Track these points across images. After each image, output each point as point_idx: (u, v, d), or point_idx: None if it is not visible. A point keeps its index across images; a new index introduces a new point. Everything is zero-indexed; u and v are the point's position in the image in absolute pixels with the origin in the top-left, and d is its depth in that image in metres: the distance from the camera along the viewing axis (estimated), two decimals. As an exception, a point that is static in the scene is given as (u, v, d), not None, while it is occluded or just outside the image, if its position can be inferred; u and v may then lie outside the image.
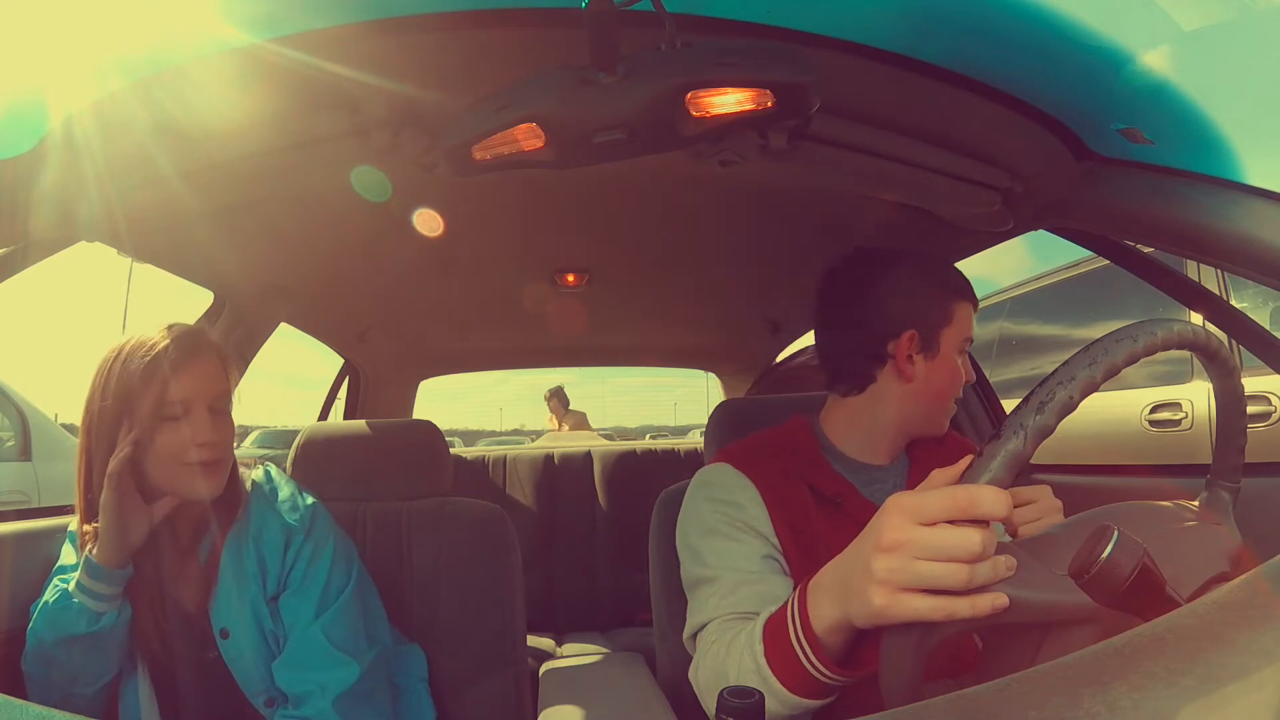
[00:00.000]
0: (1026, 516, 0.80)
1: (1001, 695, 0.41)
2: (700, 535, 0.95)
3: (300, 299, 1.87)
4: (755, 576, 0.88)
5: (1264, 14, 0.91)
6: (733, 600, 0.87)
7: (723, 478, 0.99)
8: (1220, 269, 2.22)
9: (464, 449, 3.11)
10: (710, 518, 0.95)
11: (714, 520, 0.94)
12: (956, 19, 0.83)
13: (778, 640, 0.71)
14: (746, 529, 0.93)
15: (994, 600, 0.54)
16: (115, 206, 1.03)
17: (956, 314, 1.00)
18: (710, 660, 0.82)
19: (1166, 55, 0.84)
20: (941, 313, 1.00)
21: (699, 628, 0.89)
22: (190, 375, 1.00)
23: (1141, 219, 0.97)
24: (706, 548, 0.93)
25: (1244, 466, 0.77)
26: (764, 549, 0.92)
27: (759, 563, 0.90)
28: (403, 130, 1.00)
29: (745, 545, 0.92)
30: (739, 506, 0.94)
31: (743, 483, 0.96)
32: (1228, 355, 0.70)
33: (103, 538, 0.96)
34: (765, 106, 0.76)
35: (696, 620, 0.90)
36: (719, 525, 0.94)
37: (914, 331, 0.99)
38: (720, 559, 0.91)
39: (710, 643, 0.84)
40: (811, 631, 0.67)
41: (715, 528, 0.94)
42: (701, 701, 0.85)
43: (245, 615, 1.04)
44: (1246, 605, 0.47)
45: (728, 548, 0.92)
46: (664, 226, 1.59)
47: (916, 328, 0.99)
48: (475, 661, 1.36)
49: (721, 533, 0.93)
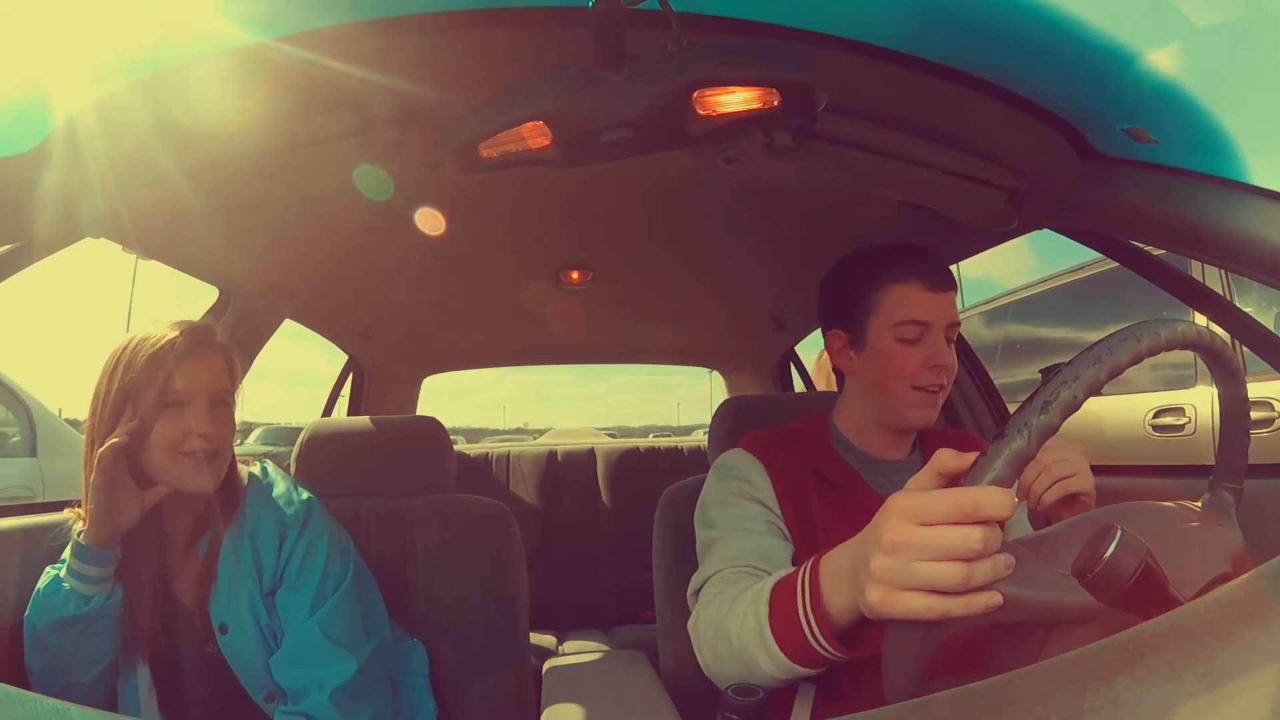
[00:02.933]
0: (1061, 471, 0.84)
1: (1006, 689, 0.41)
2: (714, 507, 1.03)
3: (305, 295, 1.87)
4: (754, 534, 0.96)
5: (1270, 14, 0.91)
6: (733, 552, 0.93)
7: (737, 460, 1.06)
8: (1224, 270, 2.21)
9: (467, 446, 3.11)
10: (723, 493, 1.03)
11: (725, 494, 1.02)
12: (962, 18, 0.83)
13: (784, 607, 0.73)
14: (752, 499, 1.00)
15: (989, 599, 0.54)
16: (118, 205, 1.03)
17: (883, 301, 1.01)
18: (711, 612, 0.85)
19: (1172, 55, 0.84)
20: (864, 306, 1.02)
21: (703, 581, 0.94)
22: (194, 367, 1.02)
23: (1146, 219, 0.97)
24: (717, 515, 1.01)
25: (1247, 468, 0.77)
26: (766, 515, 0.99)
27: (761, 524, 0.97)
28: (409, 129, 1.00)
29: (749, 509, 0.99)
30: (749, 482, 1.02)
31: (754, 464, 1.04)
32: (1231, 356, 0.70)
33: (91, 519, 0.98)
34: (771, 105, 0.76)
35: (701, 575, 0.95)
36: (729, 497, 1.02)
37: (838, 331, 1.07)
38: (725, 521, 0.99)
39: (712, 595, 0.88)
40: (820, 606, 0.68)
41: (726, 500, 1.02)
42: (696, 649, 0.88)
43: (243, 610, 1.05)
44: (1248, 604, 0.47)
45: (733, 512, 0.99)
46: (668, 224, 1.59)
47: (840, 327, 1.07)
48: (477, 658, 1.36)
49: (731, 503, 1.01)
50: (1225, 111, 0.85)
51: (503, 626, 1.38)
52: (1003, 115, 0.96)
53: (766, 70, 0.74)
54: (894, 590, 0.56)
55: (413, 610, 1.38)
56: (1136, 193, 0.97)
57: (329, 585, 1.10)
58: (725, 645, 0.80)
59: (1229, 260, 0.90)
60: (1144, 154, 0.96)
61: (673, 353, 3.13)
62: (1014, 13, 0.81)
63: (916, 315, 0.99)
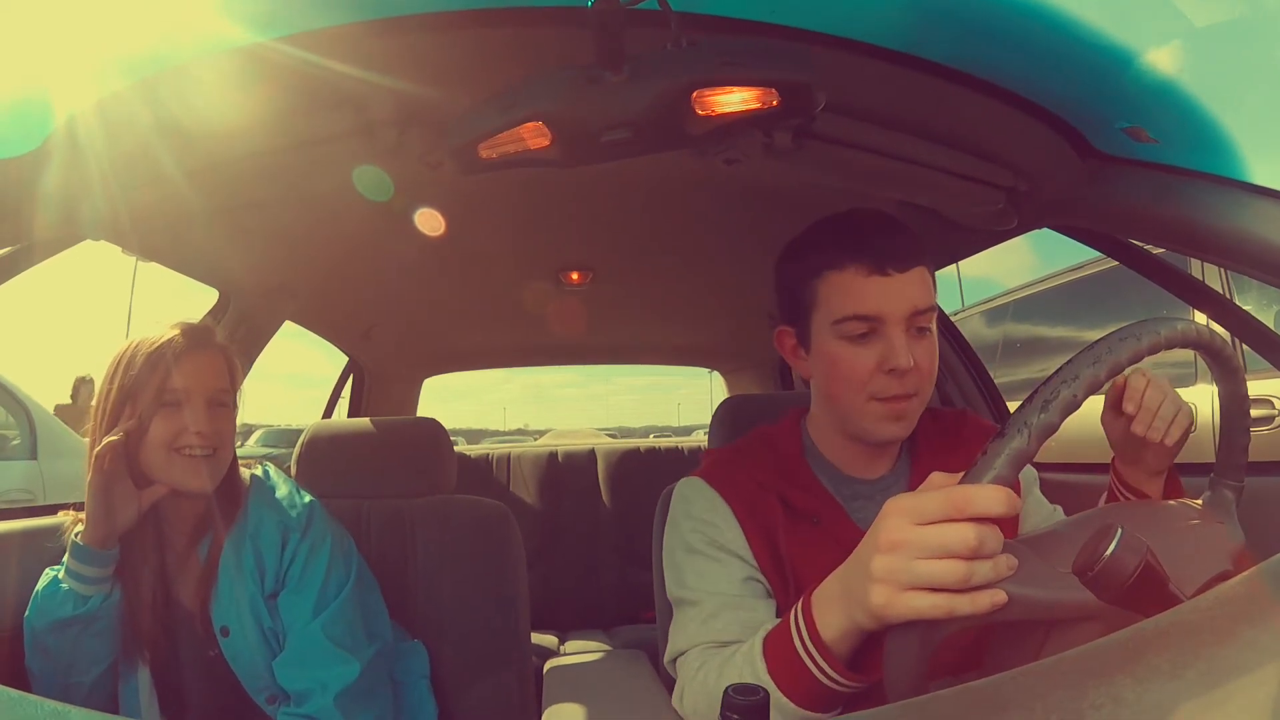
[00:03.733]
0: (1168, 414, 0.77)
1: (1007, 687, 0.41)
2: (682, 552, 0.89)
3: (305, 296, 1.87)
4: (736, 601, 0.83)
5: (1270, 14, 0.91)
6: (715, 626, 0.81)
7: (698, 494, 0.91)
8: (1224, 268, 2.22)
9: (468, 447, 3.11)
10: (689, 535, 0.88)
11: (693, 538, 0.88)
12: (961, 17, 0.83)
13: (781, 652, 0.68)
14: (722, 549, 0.86)
15: (993, 597, 0.54)
16: (119, 205, 1.03)
17: (820, 292, 0.83)
18: (699, 685, 0.78)
19: (1172, 54, 0.84)
20: (804, 298, 0.86)
21: (679, 653, 0.84)
22: (193, 365, 1.02)
23: (1146, 218, 0.97)
24: (688, 567, 0.87)
25: (1247, 465, 0.77)
26: (743, 571, 0.85)
27: (740, 585, 0.84)
28: (408, 129, 1.00)
29: (725, 567, 0.85)
30: (715, 527, 0.87)
31: (716, 501, 0.88)
32: (1231, 354, 0.70)
33: (88, 518, 0.98)
34: (771, 105, 0.76)
35: (677, 645, 0.85)
36: (698, 544, 0.87)
37: (785, 327, 0.91)
38: (700, 581, 0.85)
39: (695, 669, 0.80)
40: (820, 639, 0.65)
41: (695, 547, 0.87)
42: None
43: (244, 613, 1.05)
44: (1249, 601, 0.47)
45: (708, 568, 0.85)
46: (668, 225, 1.59)
47: (788, 323, 0.90)
48: (478, 659, 1.36)
49: (701, 552, 0.86)
50: (1225, 111, 0.85)
51: (503, 627, 1.38)
52: (1002, 115, 0.96)
53: (766, 70, 0.74)
54: (897, 590, 0.56)
55: (414, 611, 1.38)
56: (1136, 192, 0.97)
57: (332, 588, 1.10)
58: None
59: (1228, 259, 0.90)
60: (1144, 153, 0.96)
61: (673, 353, 3.13)
62: (1014, 13, 0.81)
63: (859, 308, 0.80)
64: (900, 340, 0.80)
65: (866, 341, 0.81)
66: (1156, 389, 0.78)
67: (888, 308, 0.80)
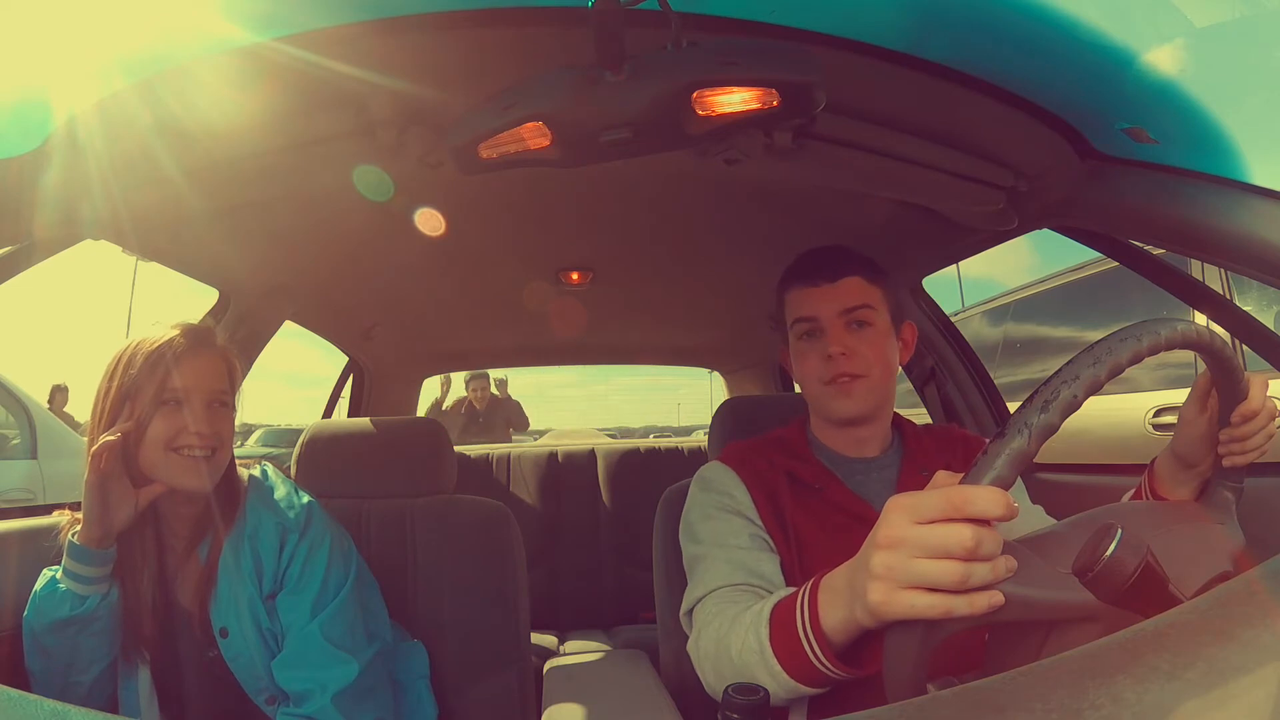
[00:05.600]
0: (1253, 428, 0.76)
1: (1007, 687, 0.41)
2: (697, 520, 1.04)
3: (305, 296, 1.87)
4: (743, 551, 0.96)
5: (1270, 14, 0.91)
6: (724, 572, 0.94)
7: (715, 473, 1.08)
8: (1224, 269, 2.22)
9: (468, 447, 3.11)
10: (705, 507, 1.04)
11: (708, 508, 1.03)
12: (961, 18, 0.83)
13: (784, 628, 0.73)
14: (734, 512, 1.01)
15: (991, 599, 0.54)
16: (119, 205, 1.03)
17: (786, 306, 1.08)
18: (712, 632, 0.86)
19: (1171, 54, 0.84)
20: (782, 313, 1.09)
21: (696, 601, 0.95)
22: (192, 365, 1.02)
23: (1146, 218, 0.98)
24: (702, 529, 1.02)
25: (1247, 466, 0.77)
26: (750, 529, 1.00)
27: (745, 538, 0.98)
28: (409, 129, 1.00)
29: (733, 524, 1.00)
30: (729, 495, 1.03)
31: (731, 476, 1.06)
32: (1231, 355, 0.70)
33: (85, 518, 0.98)
34: (771, 105, 0.76)
35: (694, 594, 0.96)
36: (712, 511, 1.03)
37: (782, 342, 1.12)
38: (712, 536, 1.00)
39: (710, 615, 0.89)
40: (819, 627, 0.69)
41: (709, 513, 1.03)
42: (698, 669, 0.89)
43: (243, 614, 1.05)
44: (1248, 602, 0.47)
45: (718, 527, 1.00)
46: (668, 225, 1.59)
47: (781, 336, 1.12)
48: (478, 659, 1.36)
49: (714, 517, 1.02)
50: (1225, 111, 0.85)
51: (503, 626, 1.38)
52: (1002, 115, 0.96)
53: (766, 70, 0.74)
54: (895, 588, 0.56)
55: (413, 611, 1.38)
56: (1136, 192, 0.98)
57: (331, 588, 1.10)
58: (728, 665, 0.81)
59: (1229, 259, 0.90)
60: (1144, 154, 0.97)
61: (673, 353, 3.13)
62: (1014, 13, 0.81)
63: (802, 312, 1.04)
64: (836, 332, 1.01)
65: (813, 338, 1.04)
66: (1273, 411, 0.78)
67: (820, 310, 1.02)
